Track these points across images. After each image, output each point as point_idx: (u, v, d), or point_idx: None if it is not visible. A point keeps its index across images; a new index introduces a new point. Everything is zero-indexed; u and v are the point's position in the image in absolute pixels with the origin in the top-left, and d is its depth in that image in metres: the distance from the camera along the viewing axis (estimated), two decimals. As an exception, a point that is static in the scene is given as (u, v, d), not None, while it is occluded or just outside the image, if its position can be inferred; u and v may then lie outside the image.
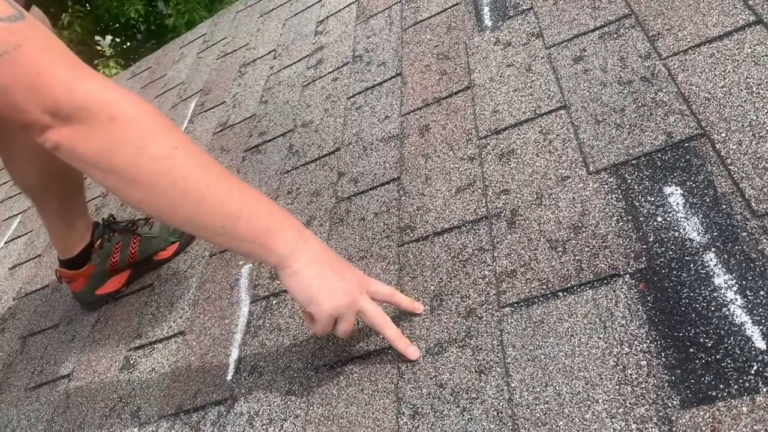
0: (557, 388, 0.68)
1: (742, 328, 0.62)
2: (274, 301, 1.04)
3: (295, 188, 1.26)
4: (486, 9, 1.34)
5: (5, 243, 1.95)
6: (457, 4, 1.42)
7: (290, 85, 1.62)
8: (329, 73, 1.54)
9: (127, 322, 1.24)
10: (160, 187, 0.71)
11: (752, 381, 0.58)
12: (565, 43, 1.11)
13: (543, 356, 0.71)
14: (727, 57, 0.89)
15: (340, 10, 1.78)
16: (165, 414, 0.98)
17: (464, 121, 1.11)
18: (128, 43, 6.26)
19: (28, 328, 1.44)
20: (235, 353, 1.00)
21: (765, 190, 0.71)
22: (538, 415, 0.66)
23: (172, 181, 0.71)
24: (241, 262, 1.17)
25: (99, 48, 5.20)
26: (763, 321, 0.61)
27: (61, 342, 1.32)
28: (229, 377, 0.97)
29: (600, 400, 0.64)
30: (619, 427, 0.61)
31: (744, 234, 0.69)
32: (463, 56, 1.26)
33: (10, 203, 2.18)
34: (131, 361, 1.14)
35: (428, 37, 1.39)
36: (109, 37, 6.25)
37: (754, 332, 0.61)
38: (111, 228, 1.31)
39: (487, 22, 1.30)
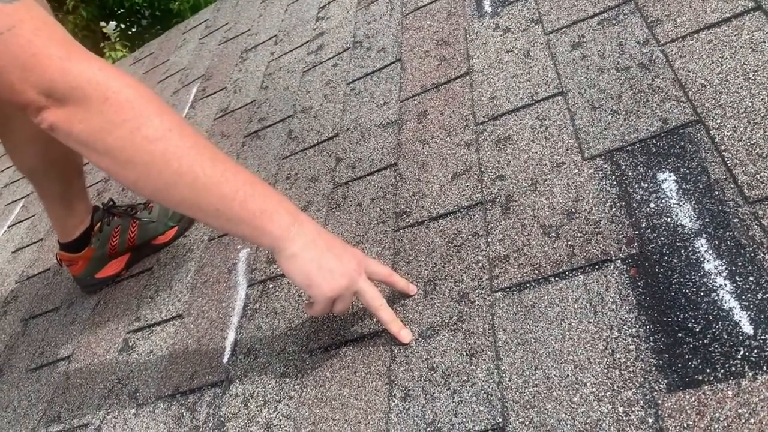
0: (546, 371, 0.68)
1: (731, 313, 0.62)
2: (271, 285, 1.04)
3: (293, 174, 1.27)
4: (486, -6, 1.33)
5: (8, 227, 1.96)
6: (457, -11, 1.41)
7: (291, 70, 1.62)
8: (329, 58, 1.54)
9: (127, 305, 1.25)
10: (154, 168, 0.72)
11: (738, 365, 0.58)
12: (564, 29, 1.10)
13: (533, 340, 0.71)
14: (725, 43, 0.88)
15: (341, -4, 1.78)
16: (162, 395, 0.99)
17: (462, 107, 1.11)
18: (133, 29, 6.25)
19: (29, 310, 1.46)
20: (231, 336, 1.01)
21: (758, 176, 0.71)
22: (527, 397, 0.67)
23: (166, 162, 0.71)
24: (239, 247, 1.18)
25: (104, 28, 5.19)
26: (751, 306, 0.61)
27: (62, 324, 1.34)
28: (225, 360, 0.98)
29: (588, 384, 0.65)
30: (606, 410, 0.62)
31: (735, 220, 0.69)
32: (463, 42, 1.25)
33: (14, 188, 2.19)
34: (130, 344, 1.15)
35: (428, 22, 1.39)
36: (113, 23, 6.25)
37: (742, 317, 0.61)
38: (110, 212, 1.32)
39: (487, 8, 1.29)
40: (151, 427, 0.96)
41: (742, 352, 0.59)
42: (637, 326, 0.66)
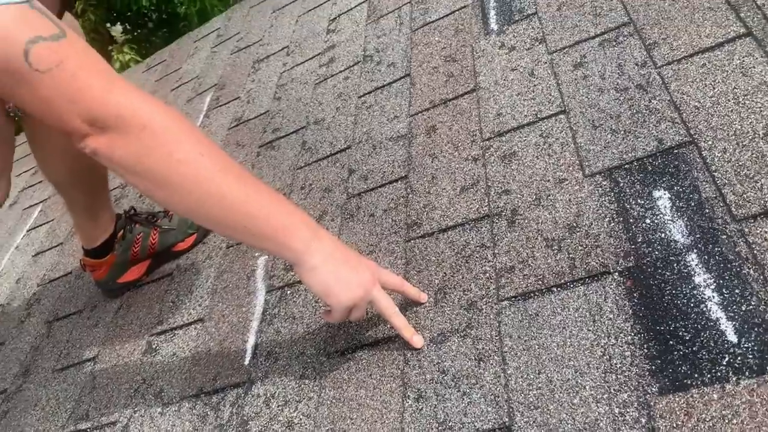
0: (549, 375, 0.74)
1: (717, 323, 0.68)
2: (288, 292, 1.11)
3: (308, 184, 1.33)
4: (492, 12, 1.39)
5: (27, 231, 2.03)
6: (464, 6, 1.47)
7: (303, 82, 1.68)
8: (340, 71, 1.60)
9: (149, 309, 1.31)
10: (186, 189, 0.78)
11: (723, 371, 0.64)
12: (566, 49, 1.16)
13: (537, 346, 0.78)
14: (718, 67, 0.94)
15: (351, 9, 1.84)
16: (187, 395, 1.06)
17: (469, 123, 1.17)
18: (138, 30, 6.32)
19: (53, 313, 1.52)
20: (252, 339, 1.07)
21: (745, 195, 0.77)
22: (531, 399, 0.73)
23: (197, 184, 0.78)
24: (257, 254, 1.24)
25: (113, 36, 5.29)
26: (736, 317, 0.67)
27: (86, 327, 1.40)
28: (246, 362, 1.04)
29: (587, 387, 0.71)
30: (603, 411, 0.68)
31: (723, 237, 0.75)
32: (470, 59, 1.31)
33: (31, 192, 2.26)
34: (153, 346, 1.21)
35: (436, 38, 1.45)
36: (119, 26, 6.32)
37: (727, 327, 0.67)
38: (132, 220, 1.38)
39: (493, 26, 1.35)
40: (177, 425, 1.02)
41: (727, 359, 0.65)
42: (632, 334, 0.72)
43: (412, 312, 0.92)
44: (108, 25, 6.23)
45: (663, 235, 0.79)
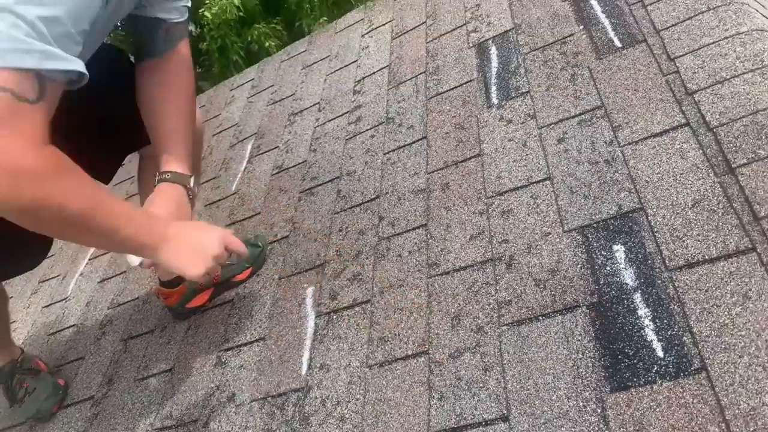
0: (536, 380, 1.04)
1: (651, 343, 0.98)
2: (334, 317, 1.41)
3: (344, 227, 1.63)
4: (494, 88, 1.71)
5: (89, 259, 2.33)
6: (470, 81, 1.79)
7: (335, 137, 1.99)
8: (367, 130, 1.91)
9: (215, 329, 1.61)
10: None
11: (652, 376, 0.94)
12: (552, 125, 1.48)
13: (527, 360, 1.08)
14: (664, 150, 1.25)
15: (373, 73, 2.16)
16: (256, 398, 1.35)
17: (476, 183, 1.48)
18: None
19: (126, 332, 1.82)
20: (306, 354, 1.37)
21: (675, 252, 1.07)
22: (523, 397, 1.03)
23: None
24: (305, 285, 1.54)
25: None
26: (663, 339, 0.98)
27: (159, 344, 1.70)
28: (303, 372, 1.34)
29: (562, 388, 1.01)
30: (572, 405, 0.98)
31: (659, 282, 1.05)
32: (475, 128, 1.63)
33: (89, 224, 2.56)
34: (222, 360, 1.51)
35: (447, 107, 1.76)
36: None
37: (657, 346, 0.97)
38: (199, 256, 1.68)
39: (494, 100, 1.67)
40: (250, 422, 1.32)
41: (655, 369, 0.95)
42: (594, 351, 1.02)
43: (435, 334, 1.22)
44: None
45: (618, 279, 1.10)
